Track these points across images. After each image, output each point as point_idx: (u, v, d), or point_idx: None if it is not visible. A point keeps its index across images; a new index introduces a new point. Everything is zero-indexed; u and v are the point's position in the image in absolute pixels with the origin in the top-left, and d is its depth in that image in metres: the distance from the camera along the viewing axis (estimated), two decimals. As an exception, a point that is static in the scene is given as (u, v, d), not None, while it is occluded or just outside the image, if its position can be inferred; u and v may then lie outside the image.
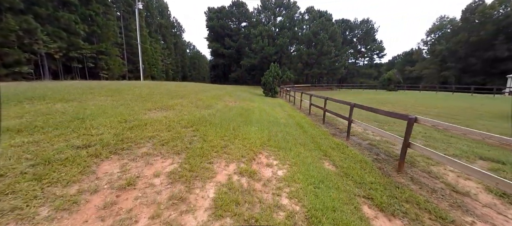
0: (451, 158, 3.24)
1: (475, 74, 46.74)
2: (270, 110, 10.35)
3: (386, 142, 5.84)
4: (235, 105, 10.37)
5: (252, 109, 9.79)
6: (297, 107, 13.06)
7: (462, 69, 48.77)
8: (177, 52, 62.19)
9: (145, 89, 9.89)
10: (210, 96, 11.56)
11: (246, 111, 8.96)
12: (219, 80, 52.87)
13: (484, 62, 44.34)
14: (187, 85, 15.52)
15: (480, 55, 44.11)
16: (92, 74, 22.84)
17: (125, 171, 2.76)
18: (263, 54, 36.50)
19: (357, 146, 5.57)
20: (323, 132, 6.74)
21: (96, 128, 3.84)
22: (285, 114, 9.95)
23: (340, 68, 37.01)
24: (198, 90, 13.22)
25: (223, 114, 7.33)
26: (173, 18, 61.46)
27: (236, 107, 9.42)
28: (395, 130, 6.96)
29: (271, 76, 21.07)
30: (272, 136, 5.63)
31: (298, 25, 37.60)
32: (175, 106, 7.24)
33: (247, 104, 11.59)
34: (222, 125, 5.74)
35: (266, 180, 3.15)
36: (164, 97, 8.69)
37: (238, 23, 52.31)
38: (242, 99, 13.80)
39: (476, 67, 45.65)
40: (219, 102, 10.09)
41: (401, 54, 68.23)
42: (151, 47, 35.01)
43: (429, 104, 14.70)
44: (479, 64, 45.37)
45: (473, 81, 45.61)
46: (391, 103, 15.39)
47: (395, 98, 19.31)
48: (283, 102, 15.72)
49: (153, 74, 35.02)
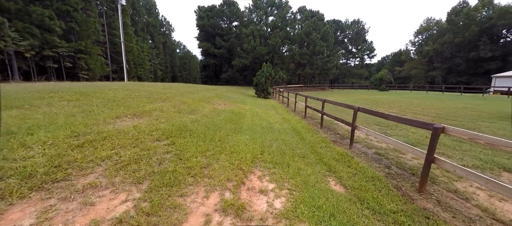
0: (489, 178, 2.51)
1: (460, 74, 48.32)
2: (263, 114, 9.52)
3: (394, 151, 5.15)
4: (224, 108, 9.45)
5: (243, 113, 8.91)
6: (291, 109, 12.31)
7: (448, 69, 50.31)
8: (167, 52, 60.14)
9: (122, 92, 8.75)
10: (198, 98, 10.56)
11: (237, 115, 8.07)
12: (210, 81, 51.52)
13: (468, 62, 45.90)
14: (173, 86, 14.39)
15: (465, 56, 45.64)
16: (71, 74, 21.02)
17: (43, 221, 1.81)
18: (255, 54, 35.69)
19: (363, 156, 4.83)
20: (323, 139, 5.98)
21: (26, 148, 2.82)
22: (279, 117, 9.15)
23: (332, 68, 36.87)
24: (184, 92, 12.16)
25: (209, 121, 6.40)
26: (161, 17, 59.41)
27: (225, 111, 8.51)
28: (399, 135, 6.33)
29: (264, 77, 20.28)
30: (266, 146, 4.79)
31: (290, 25, 37.10)
32: (152, 111, 6.23)
33: (238, 107, 10.70)
34: (206, 135, 4.83)
35: (260, 218, 2.30)
36: (142, 100, 7.63)
37: (229, 22, 51.24)
38: (233, 101, 12.89)
39: (461, 67, 47.20)
40: (207, 106, 9.13)
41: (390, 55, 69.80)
42: (137, 46, 33.23)
43: (424, 105, 14.43)
44: (464, 64, 46.94)
45: (458, 81, 47.11)
46: (387, 103, 15.02)
47: (389, 99, 19.07)
48: (276, 104, 14.95)
49: (140, 74, 33.22)
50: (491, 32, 42.42)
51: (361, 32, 51.25)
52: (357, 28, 50.94)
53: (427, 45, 48.75)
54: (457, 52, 47.66)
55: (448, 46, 48.22)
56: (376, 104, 14.93)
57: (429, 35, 52.19)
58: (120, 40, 29.02)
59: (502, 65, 40.61)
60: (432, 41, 48.86)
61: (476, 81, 44.82)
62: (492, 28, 41.56)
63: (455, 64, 48.44)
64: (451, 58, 48.45)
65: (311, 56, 33.94)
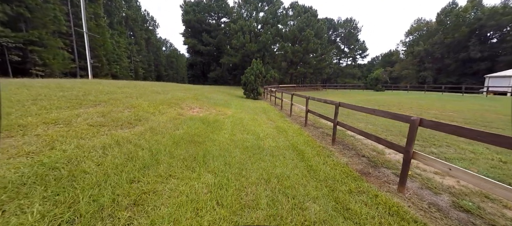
0: None
1: (450, 75, 48.49)
2: (250, 121, 6.99)
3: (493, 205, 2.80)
4: (195, 114, 6.83)
5: (221, 122, 6.34)
6: (286, 113, 9.88)
7: (438, 69, 50.43)
8: (150, 49, 56.08)
9: (42, 90, 5.90)
10: (162, 100, 7.85)
11: (209, 126, 5.50)
12: (197, 80, 48.25)
13: (458, 63, 46.02)
14: (138, 85, 11.54)
15: (455, 56, 45.69)
16: (20, 70, 17.34)
17: None
18: (245, 51, 33.08)
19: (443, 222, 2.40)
20: (343, 168, 3.58)
21: None
22: (272, 126, 6.67)
23: (326, 67, 35.00)
24: (148, 92, 9.39)
25: (154, 140, 3.80)
26: (144, 11, 55.29)
27: (193, 120, 5.90)
28: (477, 166, 4.00)
29: (253, 74, 17.78)
30: (247, 206, 2.28)
31: (282, 21, 34.83)
32: (49, 124, 3.53)
33: (217, 112, 8.11)
34: (108, 183, 2.25)
35: None
36: (61, 103, 4.86)
37: (217, 18, 48.28)
38: (213, 103, 10.26)
39: (451, 67, 47.29)
40: (169, 111, 6.46)
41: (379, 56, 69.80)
42: (112, 40, 29.50)
43: (437, 106, 12.56)
44: (454, 65, 47.07)
45: (448, 81, 47.24)
46: (394, 105, 13.01)
47: (392, 100, 17.21)
48: (267, 106, 12.49)
49: (115, 72, 29.45)
50: (480, 33, 42.63)
51: (353, 31, 50.13)
52: (350, 27, 49.74)
53: (418, 45, 48.52)
54: (447, 52, 47.78)
55: (438, 47, 48.23)
56: (383, 105, 12.89)
57: (420, 36, 52.15)
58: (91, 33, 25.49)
59: (491, 65, 40.86)
60: (423, 42, 48.70)
61: (465, 81, 44.98)
62: (481, 29, 41.74)
63: (445, 64, 48.55)
64: (441, 58, 48.54)
65: (304, 54, 31.84)
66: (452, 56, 46.44)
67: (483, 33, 42.61)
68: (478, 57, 41.95)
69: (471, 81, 44.29)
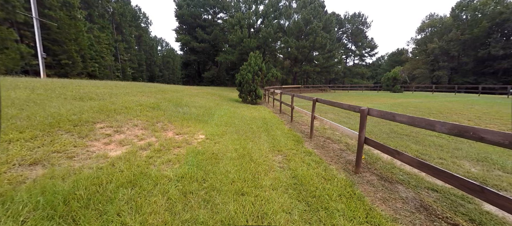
0: None
1: (466, 74, 44.47)
2: (234, 165, 3.05)
3: None
4: (92, 161, 2.90)
5: (144, 188, 2.39)
6: (300, 129, 5.94)
7: (454, 68, 46.44)
8: (142, 48, 52.25)
9: None
10: (57, 115, 3.91)
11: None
12: (192, 81, 44.38)
13: (476, 61, 42.01)
14: (99, 86, 7.63)
15: (473, 54, 41.71)
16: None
17: None
18: (242, 47, 29.20)
19: None
20: None
21: None
22: (283, 176, 2.70)
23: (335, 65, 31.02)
24: (70, 97, 5.46)
25: None
26: (135, 7, 51.52)
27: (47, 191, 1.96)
28: None
29: (251, 72, 13.88)
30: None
31: (284, 13, 30.91)
32: None
33: (170, 140, 4.19)
34: None
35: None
36: None
37: (213, 13, 44.47)
38: (182, 116, 6.32)
39: (468, 66, 43.29)
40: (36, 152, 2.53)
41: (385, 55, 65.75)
42: (90, 35, 25.66)
43: (502, 114, 8.56)
44: (471, 64, 43.07)
45: (464, 81, 43.25)
46: (443, 114, 9.05)
47: (433, 105, 13.24)
48: (270, 116, 8.54)
49: (93, 71, 25.51)
50: (502, 28, 38.61)
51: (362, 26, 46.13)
52: (358, 22, 45.75)
53: (432, 42, 44.55)
54: (464, 50, 43.78)
55: (454, 44, 44.23)
56: (439, 116, 8.94)
57: (433, 32, 48.20)
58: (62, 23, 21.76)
59: (515, 64, 36.79)
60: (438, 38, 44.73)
61: (484, 81, 40.97)
62: (505, 23, 37.71)
63: (461, 63, 44.58)
64: (458, 56, 44.56)
65: (310, 50, 27.88)
66: (471, 53, 42.39)
67: (506, 28, 38.57)
68: (500, 55, 37.93)
69: (491, 81, 40.35)
